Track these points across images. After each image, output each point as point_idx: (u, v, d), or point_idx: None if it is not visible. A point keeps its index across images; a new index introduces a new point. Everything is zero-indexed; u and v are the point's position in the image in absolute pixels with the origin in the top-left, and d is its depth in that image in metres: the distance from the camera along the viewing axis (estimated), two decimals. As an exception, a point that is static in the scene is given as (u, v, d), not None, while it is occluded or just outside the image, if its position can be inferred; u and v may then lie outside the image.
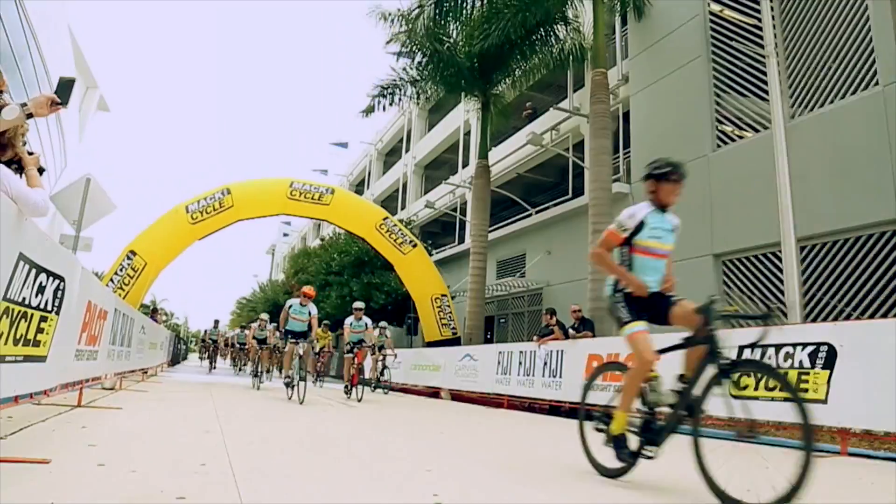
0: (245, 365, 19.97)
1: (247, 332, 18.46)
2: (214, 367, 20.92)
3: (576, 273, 14.14)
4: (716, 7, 11.88)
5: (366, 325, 10.94)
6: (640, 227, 3.41)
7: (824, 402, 5.37)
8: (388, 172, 30.79)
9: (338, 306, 20.76)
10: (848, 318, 8.86)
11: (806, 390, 5.56)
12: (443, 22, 14.08)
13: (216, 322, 23.29)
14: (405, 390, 14.43)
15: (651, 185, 3.46)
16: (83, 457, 3.02)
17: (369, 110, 16.36)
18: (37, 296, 3.57)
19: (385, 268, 18.53)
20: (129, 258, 11.98)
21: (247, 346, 17.88)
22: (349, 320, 10.73)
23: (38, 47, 14.32)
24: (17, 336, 3.33)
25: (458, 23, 14.48)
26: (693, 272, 11.37)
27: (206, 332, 27.12)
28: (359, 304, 10.96)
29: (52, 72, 14.94)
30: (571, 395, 8.83)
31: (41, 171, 3.34)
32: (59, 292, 4.02)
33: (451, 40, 14.77)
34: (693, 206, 11.66)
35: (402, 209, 26.70)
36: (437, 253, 21.96)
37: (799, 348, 5.64)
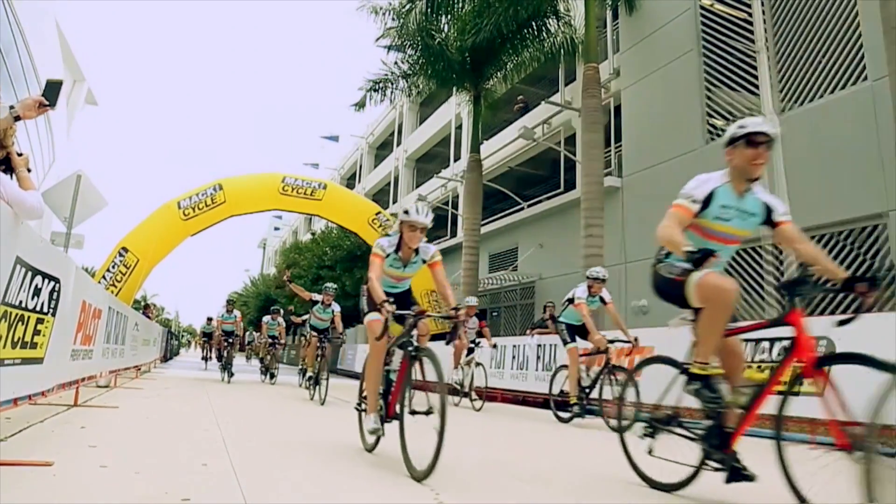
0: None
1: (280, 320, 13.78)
2: (232, 374, 12.23)
3: (568, 266, 14.22)
4: (706, 1, 11.93)
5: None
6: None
7: (821, 395, 5.46)
8: (380, 166, 30.72)
9: (330, 301, 20.76)
10: (834, 311, 8.98)
11: (801, 383, 5.66)
12: (434, 17, 14.05)
13: (230, 304, 13.93)
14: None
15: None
16: (85, 458, 3.04)
17: (361, 104, 16.33)
18: (33, 298, 3.57)
19: (378, 262, 18.52)
20: (120, 255, 11.93)
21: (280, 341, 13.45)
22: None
23: (25, 41, 14.14)
24: (15, 339, 3.33)
25: (449, 17, 14.45)
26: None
27: (209, 320, 18.67)
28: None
29: (39, 66, 14.77)
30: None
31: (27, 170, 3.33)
32: (55, 294, 4.02)
33: (443, 35, 14.73)
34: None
35: (394, 202, 26.67)
36: (429, 246, 21.96)
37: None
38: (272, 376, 12.69)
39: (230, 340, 12.95)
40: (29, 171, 3.34)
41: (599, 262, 11.05)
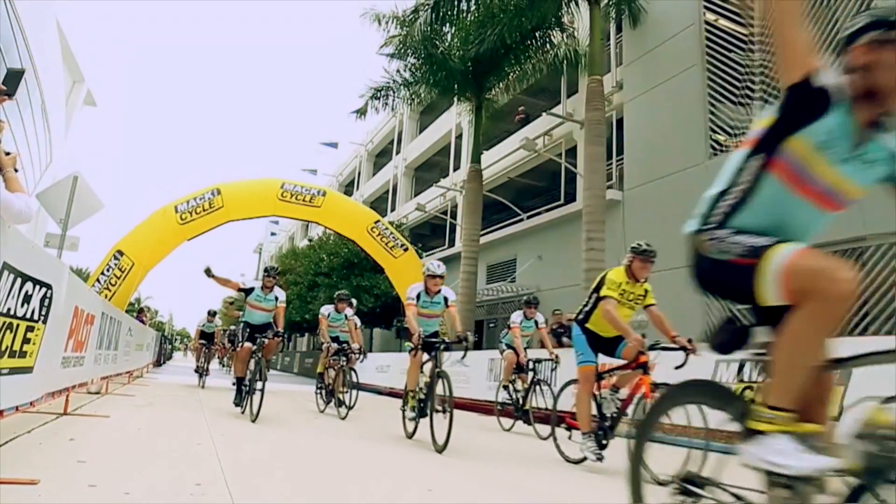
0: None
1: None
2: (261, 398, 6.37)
3: (567, 279, 14.12)
4: (710, 17, 11.92)
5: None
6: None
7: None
8: (378, 174, 30.66)
9: (326, 308, 20.66)
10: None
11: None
12: (438, 26, 14.00)
13: (273, 274, 7.55)
14: (393, 394, 14.32)
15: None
16: (73, 476, 2.91)
17: (363, 111, 16.26)
18: (23, 305, 3.44)
19: (375, 270, 18.41)
20: (115, 258, 11.77)
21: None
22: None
23: (25, 40, 14.05)
24: (3, 348, 3.20)
25: (453, 27, 14.42)
26: (686, 282, 11.38)
27: (212, 315, 16.18)
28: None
29: (38, 65, 14.67)
30: (564, 404, 8.75)
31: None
32: (47, 300, 3.89)
33: (446, 44, 14.70)
34: (686, 214, 11.68)
35: (392, 211, 26.58)
36: (426, 256, 21.87)
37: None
38: (340, 404, 7.79)
39: (267, 338, 6.89)
40: (17, 171, 3.20)
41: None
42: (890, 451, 1.36)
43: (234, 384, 7.30)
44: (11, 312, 3.24)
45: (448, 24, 14.26)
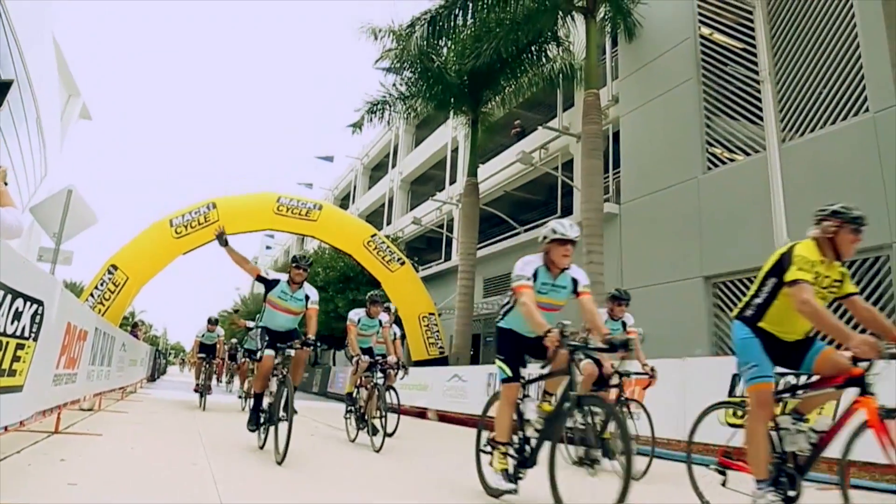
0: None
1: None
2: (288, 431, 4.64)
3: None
4: (706, 31, 11.98)
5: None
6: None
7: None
8: (374, 187, 30.64)
9: (322, 322, 20.49)
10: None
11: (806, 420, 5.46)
12: (434, 40, 14.06)
13: (301, 266, 5.84)
14: (391, 409, 14.18)
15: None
16: (63, 499, 2.81)
17: (358, 125, 16.27)
18: (13, 323, 3.36)
19: (371, 284, 18.30)
20: (110, 273, 11.68)
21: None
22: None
23: (21, 53, 14.02)
24: (-8, 367, 3.12)
25: (449, 41, 14.48)
26: (683, 294, 11.34)
27: (213, 323, 11.23)
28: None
29: (34, 79, 14.63)
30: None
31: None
32: (38, 317, 3.81)
33: (443, 58, 14.76)
34: (683, 227, 11.68)
35: (388, 224, 26.53)
36: (422, 269, 21.79)
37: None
38: (374, 431, 6.43)
39: (294, 349, 5.40)
40: (6, 184, 3.12)
41: (600, 290, 10.90)
42: None
43: (240, 397, 6.20)
44: (1, 330, 3.16)
45: (444, 38, 14.31)
